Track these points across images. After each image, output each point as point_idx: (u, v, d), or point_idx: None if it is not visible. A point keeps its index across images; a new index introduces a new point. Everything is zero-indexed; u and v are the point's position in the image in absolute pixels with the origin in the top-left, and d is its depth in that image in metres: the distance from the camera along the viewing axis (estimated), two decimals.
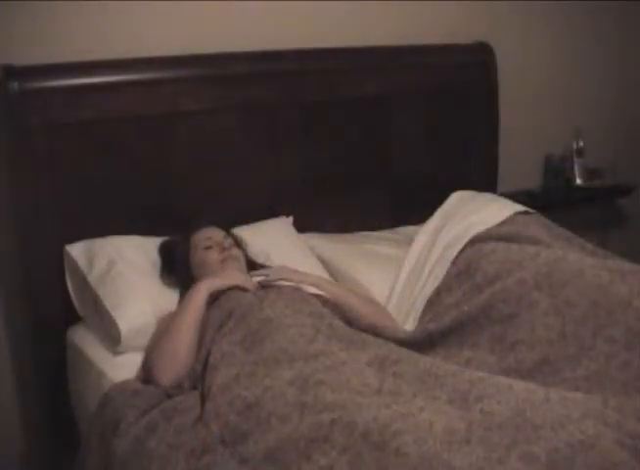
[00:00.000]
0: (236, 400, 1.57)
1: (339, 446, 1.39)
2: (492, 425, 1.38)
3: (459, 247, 2.24)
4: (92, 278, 2.15)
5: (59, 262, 2.24)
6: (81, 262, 2.19)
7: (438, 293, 2.17)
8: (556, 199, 3.19)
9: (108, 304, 2.08)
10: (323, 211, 2.66)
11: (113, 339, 2.06)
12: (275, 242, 2.40)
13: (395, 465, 1.32)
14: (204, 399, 1.68)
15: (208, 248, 2.17)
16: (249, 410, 1.54)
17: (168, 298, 2.14)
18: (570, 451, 1.31)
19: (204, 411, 1.62)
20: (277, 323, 1.80)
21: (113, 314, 2.05)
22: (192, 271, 2.18)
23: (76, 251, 2.22)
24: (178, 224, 2.31)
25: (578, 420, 1.38)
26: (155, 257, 2.25)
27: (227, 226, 2.31)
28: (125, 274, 2.14)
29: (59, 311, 2.26)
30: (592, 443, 1.33)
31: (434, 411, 1.44)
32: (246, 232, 2.37)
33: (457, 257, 2.22)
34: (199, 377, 1.80)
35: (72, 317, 2.25)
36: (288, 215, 2.60)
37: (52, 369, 2.28)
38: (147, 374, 1.89)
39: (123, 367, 1.98)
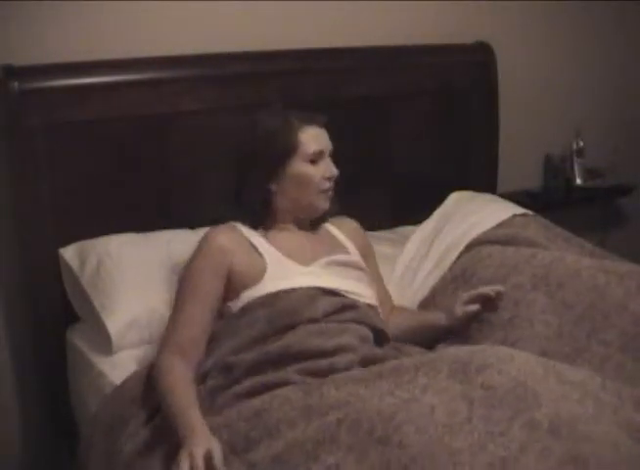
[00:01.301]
0: (243, 409, 1.57)
1: (345, 444, 1.40)
2: (494, 401, 1.39)
3: (456, 252, 2.24)
4: (84, 280, 2.14)
5: (58, 263, 2.23)
6: (74, 265, 2.18)
7: (433, 296, 2.17)
8: (556, 199, 3.18)
9: (97, 305, 2.08)
10: None
11: (105, 339, 2.05)
12: None
13: (397, 456, 1.33)
14: (211, 402, 1.65)
15: (314, 162, 1.85)
16: (257, 417, 1.53)
17: (159, 290, 2.09)
18: (571, 419, 1.33)
19: (212, 420, 1.58)
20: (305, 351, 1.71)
21: (101, 315, 2.05)
22: (278, 179, 1.83)
23: (69, 253, 2.21)
24: (178, 225, 2.31)
25: (577, 401, 1.40)
26: (145, 250, 2.19)
27: None
28: (114, 273, 2.13)
29: (58, 312, 2.26)
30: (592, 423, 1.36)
31: (437, 390, 1.45)
32: None
33: (454, 261, 2.22)
34: (207, 372, 1.75)
35: (72, 317, 2.25)
36: None
37: (52, 369, 2.28)
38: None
39: (123, 367, 1.97)
